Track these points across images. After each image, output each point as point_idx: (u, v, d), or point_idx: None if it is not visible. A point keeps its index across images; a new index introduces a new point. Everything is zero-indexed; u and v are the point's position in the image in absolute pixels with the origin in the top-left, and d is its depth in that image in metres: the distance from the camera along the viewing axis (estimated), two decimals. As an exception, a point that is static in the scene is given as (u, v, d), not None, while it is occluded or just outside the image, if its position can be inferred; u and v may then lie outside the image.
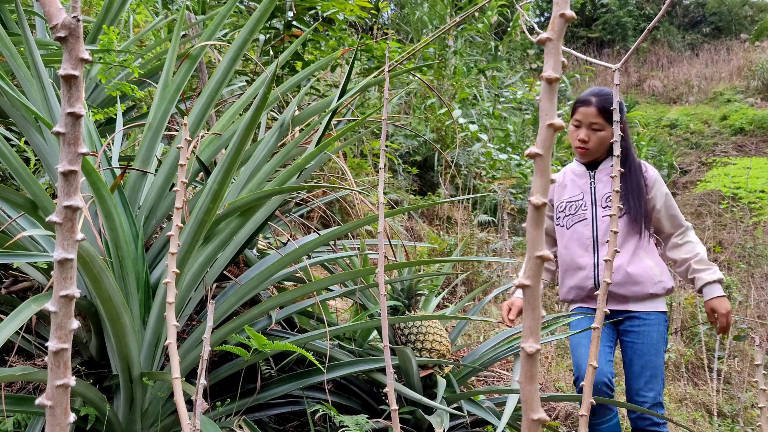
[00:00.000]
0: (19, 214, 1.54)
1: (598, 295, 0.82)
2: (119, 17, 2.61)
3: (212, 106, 1.81)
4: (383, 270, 0.96)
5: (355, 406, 2.01)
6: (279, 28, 4.12)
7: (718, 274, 2.21)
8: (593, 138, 2.26)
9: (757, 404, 4.09)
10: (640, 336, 2.26)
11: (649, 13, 18.59)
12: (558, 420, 3.35)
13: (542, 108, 0.43)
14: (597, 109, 2.23)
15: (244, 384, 1.77)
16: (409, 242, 3.57)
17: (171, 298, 0.80)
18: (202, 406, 0.83)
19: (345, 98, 1.87)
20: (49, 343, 0.45)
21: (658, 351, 2.23)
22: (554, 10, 0.44)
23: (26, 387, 1.63)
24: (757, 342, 0.95)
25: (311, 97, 4.39)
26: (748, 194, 8.63)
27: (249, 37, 1.74)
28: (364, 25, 8.52)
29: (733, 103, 14.54)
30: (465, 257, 3.02)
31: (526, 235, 0.43)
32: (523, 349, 0.44)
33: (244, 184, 1.70)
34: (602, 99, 2.24)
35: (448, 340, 2.12)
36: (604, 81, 16.24)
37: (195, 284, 1.58)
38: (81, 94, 0.44)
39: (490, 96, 7.75)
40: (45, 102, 1.61)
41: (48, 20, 0.44)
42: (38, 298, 1.27)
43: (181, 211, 0.86)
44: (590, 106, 2.24)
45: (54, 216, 0.44)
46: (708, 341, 4.88)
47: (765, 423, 0.80)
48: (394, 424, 0.81)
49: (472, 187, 6.20)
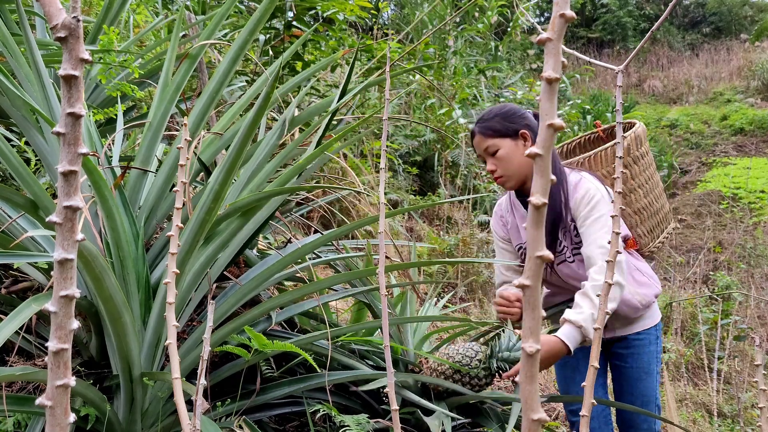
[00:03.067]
0: (19, 214, 1.54)
1: (600, 295, 0.82)
2: (119, 17, 2.61)
3: (213, 107, 1.81)
4: (384, 270, 0.96)
5: (355, 406, 2.01)
6: (279, 29, 4.13)
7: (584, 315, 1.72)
8: (499, 163, 1.95)
9: (757, 404, 4.09)
10: (628, 360, 2.08)
11: (649, 13, 18.60)
12: (558, 420, 3.35)
13: (542, 108, 0.43)
14: (481, 135, 1.96)
15: (245, 384, 1.77)
16: (409, 242, 3.57)
17: (171, 298, 0.80)
18: (202, 406, 0.83)
19: (345, 99, 1.87)
20: (49, 343, 0.45)
21: (649, 373, 2.06)
22: (554, 10, 0.44)
23: (26, 387, 1.63)
24: (757, 342, 0.95)
25: (311, 97, 4.40)
26: (748, 194, 8.65)
27: (249, 38, 1.74)
28: (364, 25, 8.52)
29: (733, 103, 14.54)
30: (465, 258, 3.02)
31: (527, 235, 0.43)
32: (523, 349, 0.44)
33: (244, 184, 1.70)
34: (482, 124, 1.97)
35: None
36: (604, 81, 16.25)
37: (195, 284, 1.58)
38: (81, 95, 0.44)
39: (490, 96, 7.75)
40: (45, 102, 1.62)
41: (48, 20, 0.44)
42: (38, 298, 1.27)
43: (181, 211, 0.86)
44: (475, 137, 1.99)
45: (54, 216, 0.44)
46: (708, 341, 4.88)
47: (765, 423, 0.80)
48: (395, 425, 0.81)
49: (472, 187, 6.20)
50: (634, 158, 2.19)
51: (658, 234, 2.23)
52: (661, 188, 2.25)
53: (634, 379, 2.07)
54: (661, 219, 2.22)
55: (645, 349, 2.05)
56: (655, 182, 2.22)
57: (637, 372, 2.06)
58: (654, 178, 2.22)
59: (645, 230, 2.19)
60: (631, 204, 2.19)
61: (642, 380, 2.06)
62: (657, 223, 2.22)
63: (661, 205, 2.23)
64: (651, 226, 2.20)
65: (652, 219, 2.20)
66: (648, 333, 2.07)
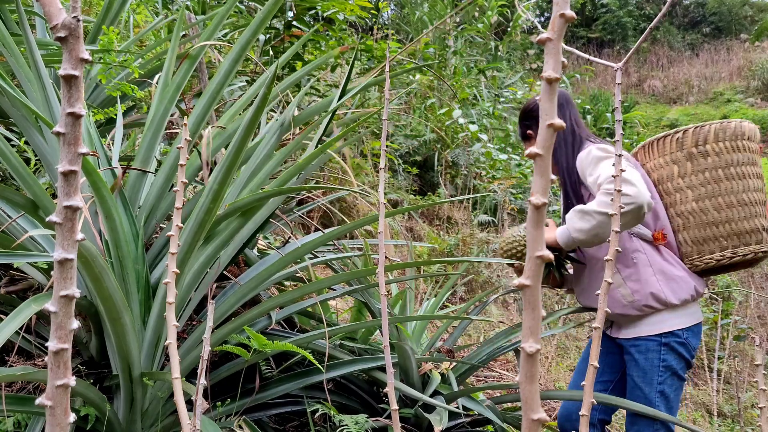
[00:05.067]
0: (19, 214, 1.54)
1: (599, 294, 0.82)
2: (119, 17, 2.61)
3: (213, 107, 1.81)
4: (383, 270, 0.96)
5: (355, 405, 2.01)
6: (279, 28, 4.13)
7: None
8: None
9: (757, 404, 4.09)
10: (628, 366, 1.96)
11: (649, 13, 18.60)
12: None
13: (542, 108, 0.43)
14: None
15: (245, 384, 1.77)
16: (409, 242, 3.57)
17: (171, 298, 0.80)
18: (202, 406, 0.83)
19: (345, 98, 1.87)
20: (49, 343, 0.45)
21: (649, 383, 1.88)
22: (554, 10, 0.44)
23: (26, 387, 1.63)
24: (757, 342, 0.95)
25: (311, 97, 4.40)
26: (748, 194, 8.63)
27: (252, 38, 1.74)
28: (364, 25, 8.52)
29: (733, 103, 14.55)
30: (465, 258, 3.02)
31: (527, 235, 0.43)
32: (523, 349, 0.44)
33: (244, 184, 1.70)
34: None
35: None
36: (605, 81, 16.24)
37: (195, 284, 1.58)
38: (81, 94, 0.44)
39: (490, 96, 7.75)
40: (45, 102, 1.62)
41: (48, 20, 0.44)
42: (38, 298, 1.27)
43: (181, 211, 0.86)
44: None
45: (54, 216, 0.44)
46: (708, 341, 4.88)
47: (765, 423, 0.80)
48: (395, 424, 0.81)
49: (472, 187, 6.20)
50: (689, 155, 1.93)
51: (710, 250, 1.92)
52: (732, 200, 1.89)
53: (630, 388, 1.95)
54: (720, 235, 1.90)
55: (643, 356, 1.90)
56: (721, 190, 1.90)
57: (633, 381, 1.93)
58: (719, 185, 1.90)
59: (689, 238, 1.94)
60: (675, 204, 1.96)
61: (634, 391, 1.92)
62: (711, 237, 1.91)
63: (723, 218, 1.89)
64: (700, 237, 1.93)
65: (702, 229, 1.91)
66: (648, 341, 1.90)
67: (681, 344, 1.89)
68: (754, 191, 1.90)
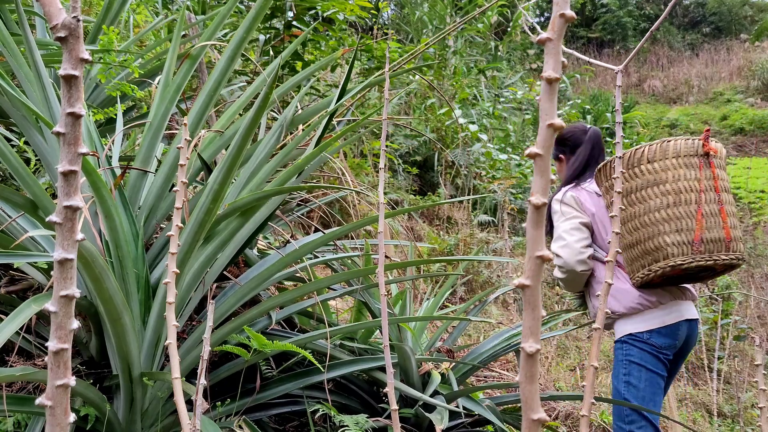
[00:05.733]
0: (19, 214, 1.54)
1: (600, 295, 0.83)
2: (119, 17, 2.61)
3: (211, 106, 1.81)
4: (383, 269, 0.96)
5: (355, 405, 2.01)
6: (279, 28, 4.13)
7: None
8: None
9: (757, 404, 4.09)
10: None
11: (649, 13, 18.59)
12: (558, 420, 3.35)
13: (542, 108, 0.43)
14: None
15: (245, 384, 1.77)
16: (409, 242, 3.57)
17: (171, 298, 0.80)
18: (202, 406, 0.83)
19: (345, 99, 1.87)
20: (49, 343, 0.45)
21: (616, 375, 2.06)
22: (554, 10, 0.44)
23: (26, 387, 1.63)
24: (757, 342, 0.95)
25: (311, 97, 4.40)
26: (748, 194, 8.63)
27: (246, 36, 1.73)
28: (364, 25, 8.52)
29: (733, 103, 14.55)
30: (465, 257, 3.02)
31: (526, 235, 0.43)
32: (523, 349, 0.44)
33: (244, 184, 1.70)
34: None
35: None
36: (604, 81, 16.24)
37: (195, 284, 1.58)
38: (81, 94, 0.44)
39: (490, 96, 7.75)
40: (45, 102, 1.61)
41: (48, 20, 0.44)
42: (38, 298, 1.27)
43: (181, 211, 0.86)
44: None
45: (54, 216, 0.44)
46: (708, 341, 4.88)
47: (765, 423, 0.80)
48: (395, 424, 0.81)
49: (472, 187, 6.20)
50: (608, 186, 2.00)
51: (636, 268, 1.99)
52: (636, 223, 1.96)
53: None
54: (637, 255, 1.97)
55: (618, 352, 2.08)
56: (627, 216, 1.98)
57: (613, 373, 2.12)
58: (626, 212, 1.98)
59: (623, 258, 2.04)
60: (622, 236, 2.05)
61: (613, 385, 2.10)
62: (633, 256, 1.98)
63: (634, 240, 1.97)
64: (627, 257, 2.01)
65: (626, 251, 2.00)
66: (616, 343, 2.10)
67: (642, 342, 2.03)
68: (655, 211, 1.95)
